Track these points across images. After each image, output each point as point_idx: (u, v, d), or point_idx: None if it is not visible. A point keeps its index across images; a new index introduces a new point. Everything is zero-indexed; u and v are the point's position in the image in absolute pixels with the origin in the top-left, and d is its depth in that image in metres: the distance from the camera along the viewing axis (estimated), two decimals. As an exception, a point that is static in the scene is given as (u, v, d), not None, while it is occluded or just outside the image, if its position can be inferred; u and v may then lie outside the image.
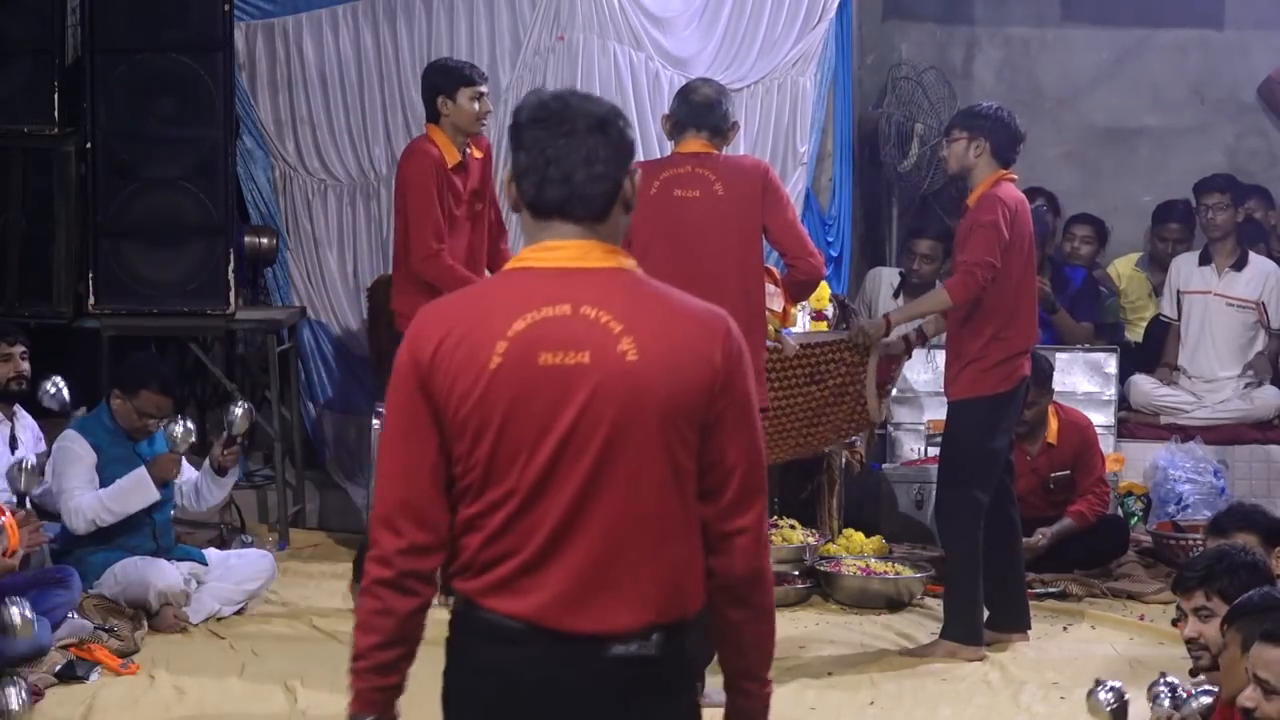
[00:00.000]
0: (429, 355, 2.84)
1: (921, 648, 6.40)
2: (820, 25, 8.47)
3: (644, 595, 2.85)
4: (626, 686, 2.87)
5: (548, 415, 2.82)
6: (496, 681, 2.88)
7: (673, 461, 2.85)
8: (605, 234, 2.96)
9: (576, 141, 2.89)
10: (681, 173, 5.72)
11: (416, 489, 2.86)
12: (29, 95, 7.81)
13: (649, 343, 2.84)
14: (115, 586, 6.49)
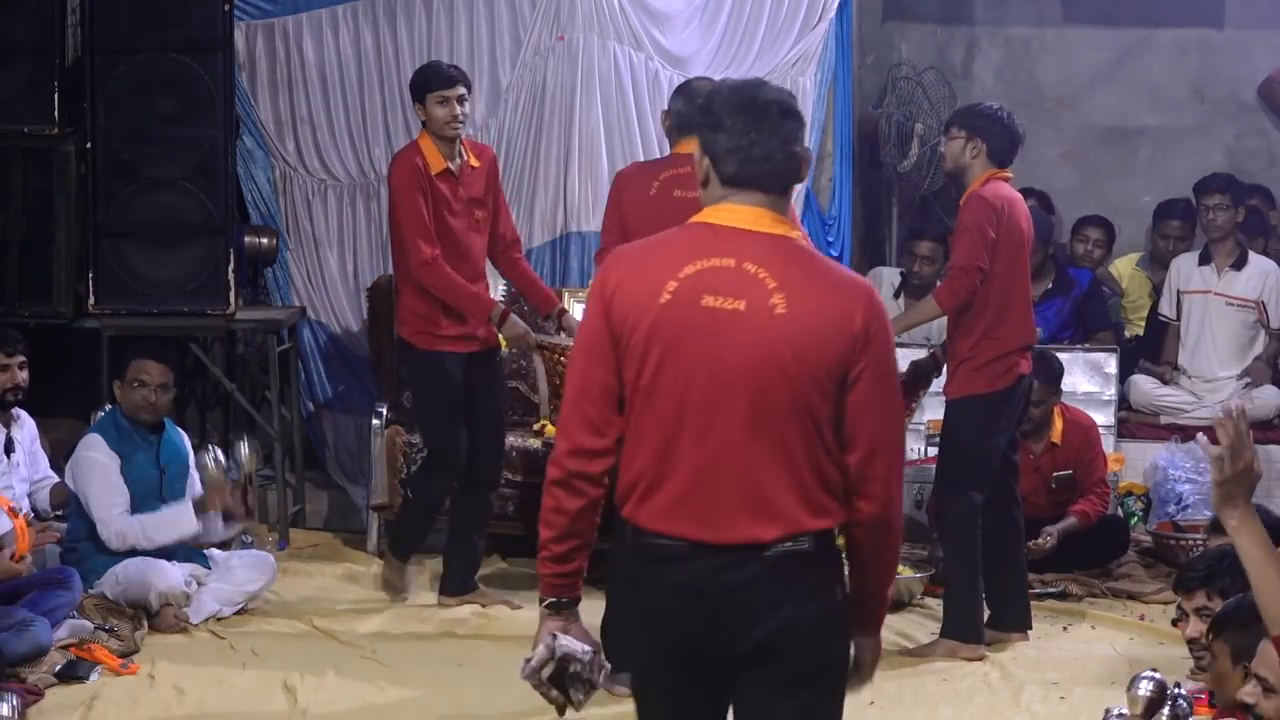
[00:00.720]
0: (613, 286, 3.35)
1: (921, 647, 6.40)
2: (820, 25, 8.47)
3: (786, 514, 3.29)
4: (786, 579, 3.32)
5: (704, 351, 3.28)
6: (673, 594, 3.33)
7: (810, 408, 3.28)
8: (781, 206, 3.39)
9: (773, 125, 3.35)
10: (681, 173, 5.72)
11: (590, 400, 3.34)
12: (29, 95, 7.80)
13: (798, 301, 3.28)
14: (116, 587, 6.49)
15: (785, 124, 3.36)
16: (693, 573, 3.31)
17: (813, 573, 3.35)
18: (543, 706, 5.77)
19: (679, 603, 3.33)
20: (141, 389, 6.67)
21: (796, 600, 3.32)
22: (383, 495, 7.78)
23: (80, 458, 6.62)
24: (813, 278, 3.34)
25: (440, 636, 6.61)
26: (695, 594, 3.30)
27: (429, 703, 5.80)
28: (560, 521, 3.38)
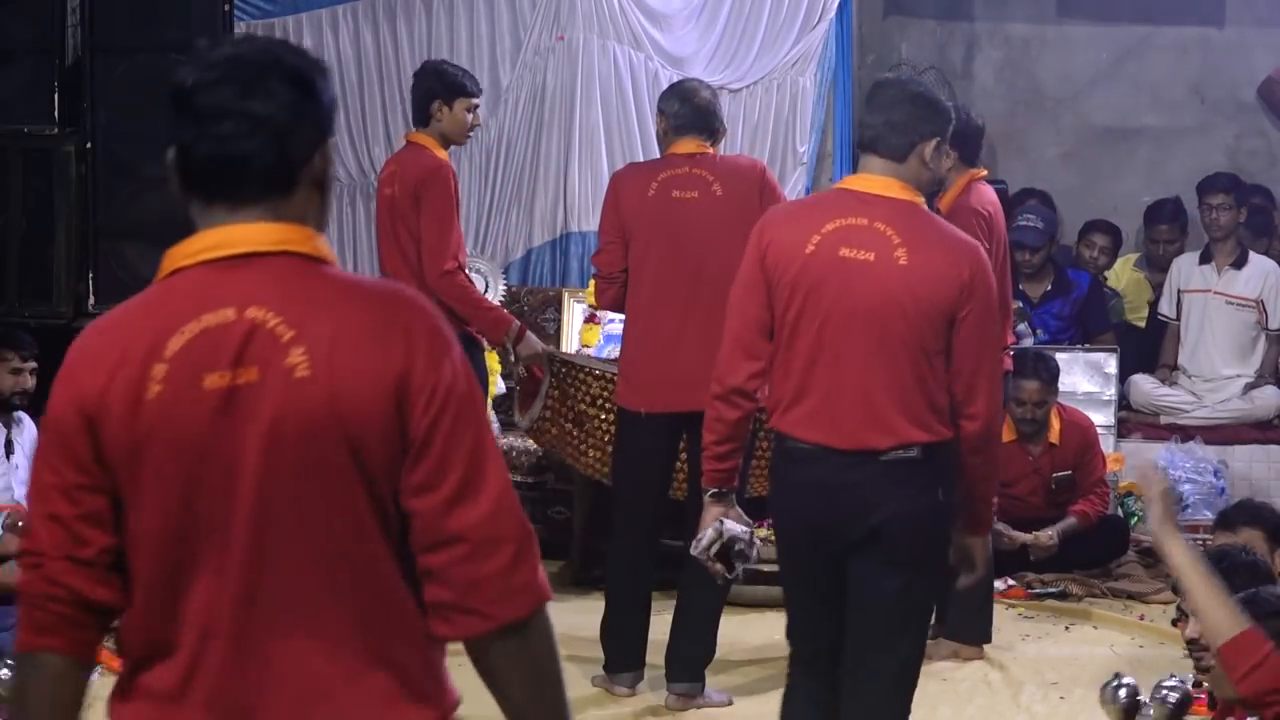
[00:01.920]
0: (767, 240, 4.14)
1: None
2: (820, 25, 8.47)
3: (898, 429, 4.04)
4: (897, 478, 4.06)
5: (836, 294, 4.03)
6: (809, 487, 4.13)
7: (921, 343, 4.03)
8: (905, 174, 4.14)
9: (903, 107, 4.17)
10: (679, 174, 5.72)
11: (745, 329, 4.14)
12: (29, 95, 7.81)
13: (918, 255, 4.03)
14: (115, 587, 6.49)
15: (910, 106, 4.15)
16: (822, 470, 4.09)
17: (919, 476, 4.07)
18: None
19: (811, 495, 4.13)
20: None
21: (903, 497, 4.06)
22: (382, 495, 7.79)
23: None
24: (933, 237, 4.10)
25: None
26: (824, 487, 4.09)
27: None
28: (721, 429, 4.27)
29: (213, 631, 2.23)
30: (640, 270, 5.71)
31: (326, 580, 2.21)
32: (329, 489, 2.19)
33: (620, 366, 5.92)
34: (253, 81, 2.43)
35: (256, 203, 2.39)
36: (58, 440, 2.26)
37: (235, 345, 2.25)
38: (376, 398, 2.20)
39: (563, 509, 7.50)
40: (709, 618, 5.76)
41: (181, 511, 2.22)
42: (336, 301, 2.29)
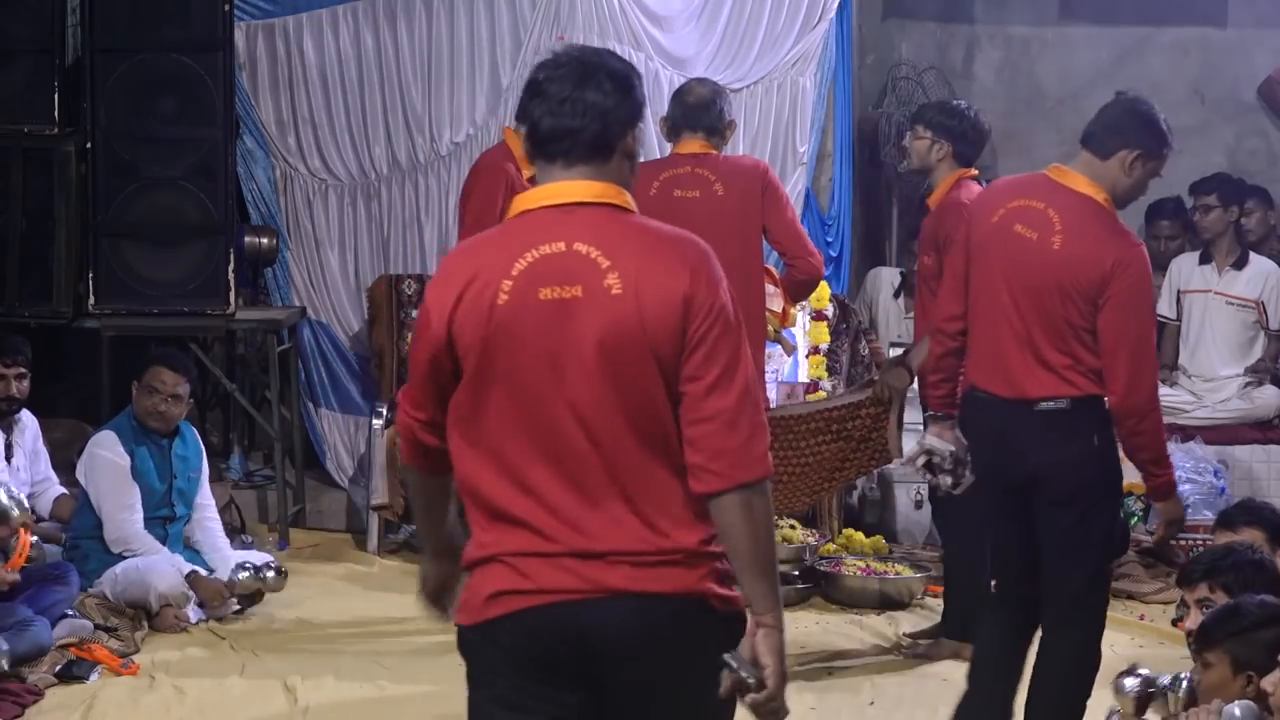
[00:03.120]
0: (972, 208, 5.09)
1: (924, 648, 6.40)
2: (820, 25, 8.47)
3: (1051, 385, 4.71)
4: (1047, 426, 4.71)
5: (1004, 264, 4.74)
6: (989, 429, 4.84)
7: (1071, 319, 4.67)
8: (1102, 172, 4.94)
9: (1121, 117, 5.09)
10: (681, 173, 5.72)
11: (953, 279, 4.90)
12: (29, 95, 7.80)
13: (1071, 236, 4.74)
14: (116, 587, 6.49)
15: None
16: (991, 419, 4.80)
17: (1068, 425, 4.68)
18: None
19: (981, 442, 4.89)
20: (153, 396, 6.67)
21: (1055, 444, 4.68)
22: (383, 495, 7.79)
23: (91, 454, 6.64)
24: (1090, 219, 4.80)
25: (440, 636, 6.60)
26: (991, 434, 4.82)
27: (429, 702, 5.80)
28: (930, 361, 5.09)
29: (560, 469, 3.06)
30: None
31: (634, 434, 3.05)
32: (632, 372, 3.04)
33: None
34: (587, 78, 3.23)
35: (583, 164, 3.21)
36: (424, 329, 3.14)
37: (564, 268, 3.08)
38: (669, 311, 3.04)
39: (563, 509, 7.49)
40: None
41: (517, 387, 3.06)
42: (640, 241, 3.16)
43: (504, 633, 3.14)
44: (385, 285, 8.26)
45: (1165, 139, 4.90)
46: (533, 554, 3.09)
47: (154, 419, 6.69)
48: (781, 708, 3.04)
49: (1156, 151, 4.88)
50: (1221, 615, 4.01)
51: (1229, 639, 3.91)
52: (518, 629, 3.12)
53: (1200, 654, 3.98)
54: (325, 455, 8.49)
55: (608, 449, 3.06)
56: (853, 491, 8.08)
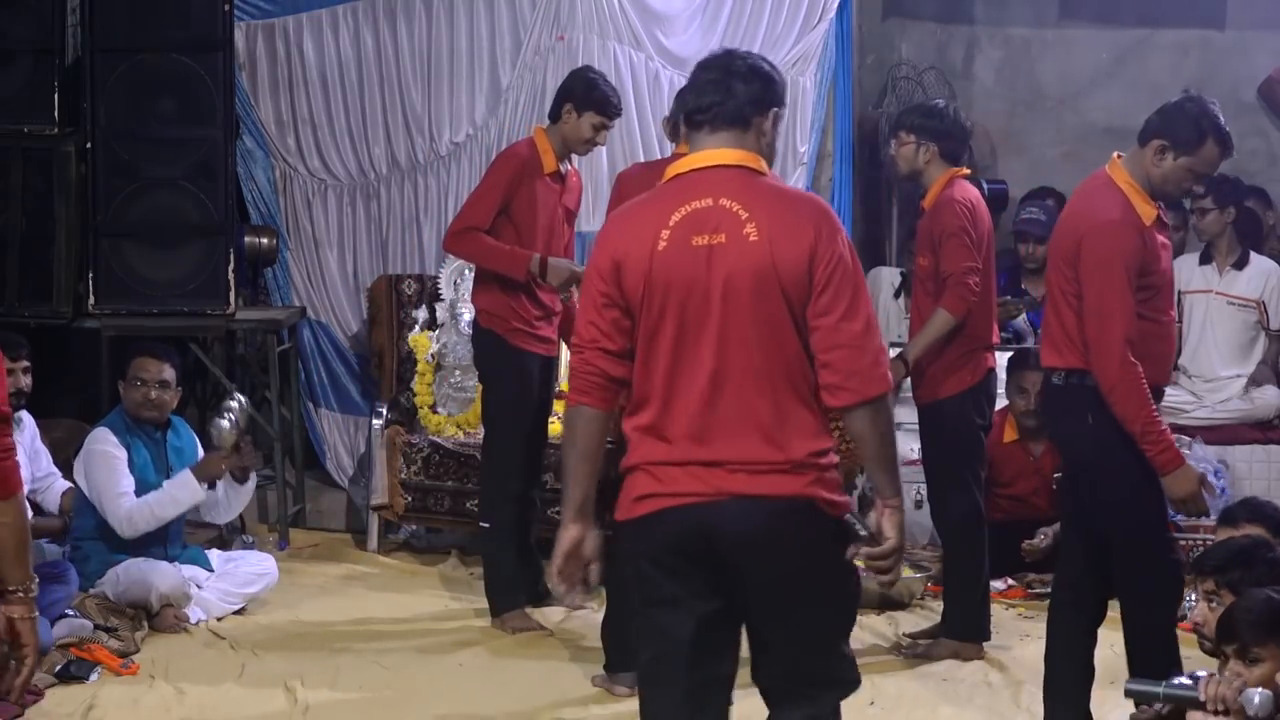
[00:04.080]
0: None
1: (924, 648, 6.39)
2: (820, 25, 8.47)
3: (1052, 356, 5.07)
4: (1049, 398, 5.20)
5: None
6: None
7: (1061, 286, 5.00)
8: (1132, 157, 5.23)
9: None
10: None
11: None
12: (29, 95, 7.79)
13: (1070, 207, 5.19)
14: (116, 587, 6.49)
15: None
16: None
17: (1065, 399, 5.02)
18: (542, 707, 5.80)
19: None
20: (141, 387, 6.67)
21: (1057, 418, 5.18)
22: (383, 495, 7.79)
23: (88, 451, 6.63)
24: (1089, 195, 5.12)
25: (440, 637, 6.61)
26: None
27: (429, 703, 5.80)
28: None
29: (697, 390, 3.75)
30: None
31: (763, 359, 3.74)
32: (766, 307, 3.73)
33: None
34: (733, 66, 3.88)
35: (725, 132, 3.85)
36: (595, 276, 3.82)
37: (712, 220, 3.76)
38: (797, 257, 3.73)
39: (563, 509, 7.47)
40: None
41: (676, 320, 3.75)
42: (773, 198, 3.80)
43: (647, 529, 3.81)
44: (385, 285, 8.26)
45: (1196, 136, 5.02)
46: (669, 463, 3.78)
47: (146, 409, 6.68)
48: (896, 569, 3.85)
49: (1184, 146, 5.02)
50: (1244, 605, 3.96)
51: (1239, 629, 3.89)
52: (658, 526, 3.79)
53: (1247, 648, 3.87)
54: (325, 455, 8.49)
55: (739, 373, 3.74)
56: (853, 491, 8.07)
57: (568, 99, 6.56)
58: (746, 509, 3.73)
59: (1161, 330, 5.10)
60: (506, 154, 6.79)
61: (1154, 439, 4.88)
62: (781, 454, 3.73)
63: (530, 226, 6.53)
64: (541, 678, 6.03)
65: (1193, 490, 4.92)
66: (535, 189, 6.56)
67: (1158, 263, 5.04)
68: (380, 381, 8.26)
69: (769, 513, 3.74)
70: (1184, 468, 4.92)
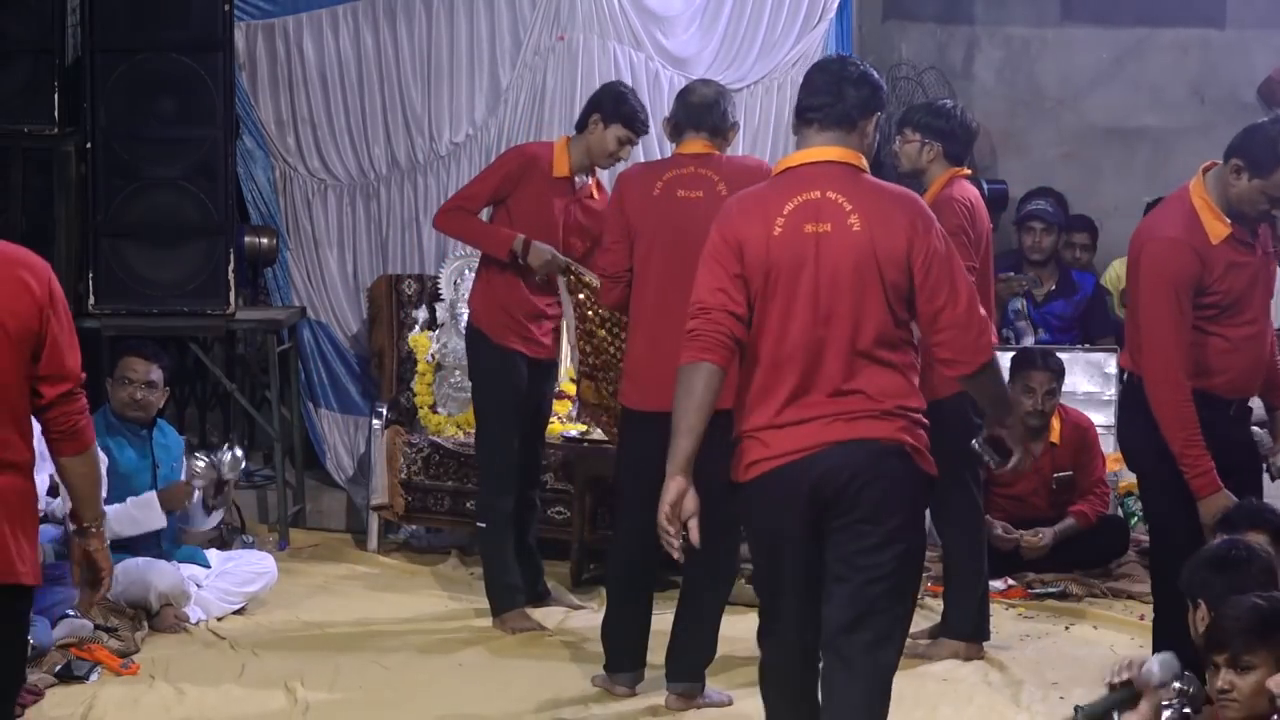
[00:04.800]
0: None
1: (923, 647, 6.39)
2: (820, 25, 8.47)
3: (1124, 358, 5.54)
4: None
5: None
6: None
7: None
8: (1213, 173, 5.23)
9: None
10: (684, 173, 5.72)
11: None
12: (29, 95, 7.79)
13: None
14: (116, 587, 6.44)
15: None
16: None
17: (1128, 400, 5.36)
18: (542, 707, 5.80)
19: None
20: (127, 386, 6.66)
21: (1120, 420, 5.66)
22: (383, 495, 7.79)
23: None
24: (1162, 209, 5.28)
25: (440, 637, 6.61)
26: None
27: (429, 702, 5.80)
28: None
29: (800, 359, 4.22)
30: (645, 270, 5.70)
31: (859, 333, 4.22)
32: (864, 288, 4.21)
33: (625, 366, 5.90)
34: (845, 75, 4.37)
35: (832, 131, 4.32)
36: (722, 250, 4.28)
37: (820, 210, 4.24)
38: (895, 246, 4.21)
39: (563, 509, 7.50)
40: (709, 618, 5.76)
41: (789, 296, 4.22)
42: (873, 193, 4.28)
43: (759, 491, 4.26)
44: (385, 285, 8.26)
45: (1272, 159, 5.02)
46: (773, 426, 4.23)
47: (132, 409, 6.67)
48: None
49: (1259, 169, 5.05)
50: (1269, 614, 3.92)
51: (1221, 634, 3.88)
52: (767, 485, 4.25)
53: (1238, 656, 3.84)
54: (325, 455, 8.49)
55: (838, 343, 4.21)
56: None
57: (596, 110, 6.52)
58: (847, 450, 4.21)
59: (1230, 346, 5.15)
60: (516, 148, 6.84)
61: (1191, 461, 5.02)
62: (872, 404, 4.23)
63: (528, 224, 6.52)
64: (541, 678, 6.03)
65: (1215, 516, 4.93)
66: (540, 189, 6.54)
67: (1223, 281, 5.09)
68: (380, 381, 8.26)
69: (867, 451, 4.21)
70: (1218, 494, 5.00)
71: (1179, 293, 5.02)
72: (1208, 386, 5.10)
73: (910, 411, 4.27)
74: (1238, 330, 5.15)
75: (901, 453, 4.25)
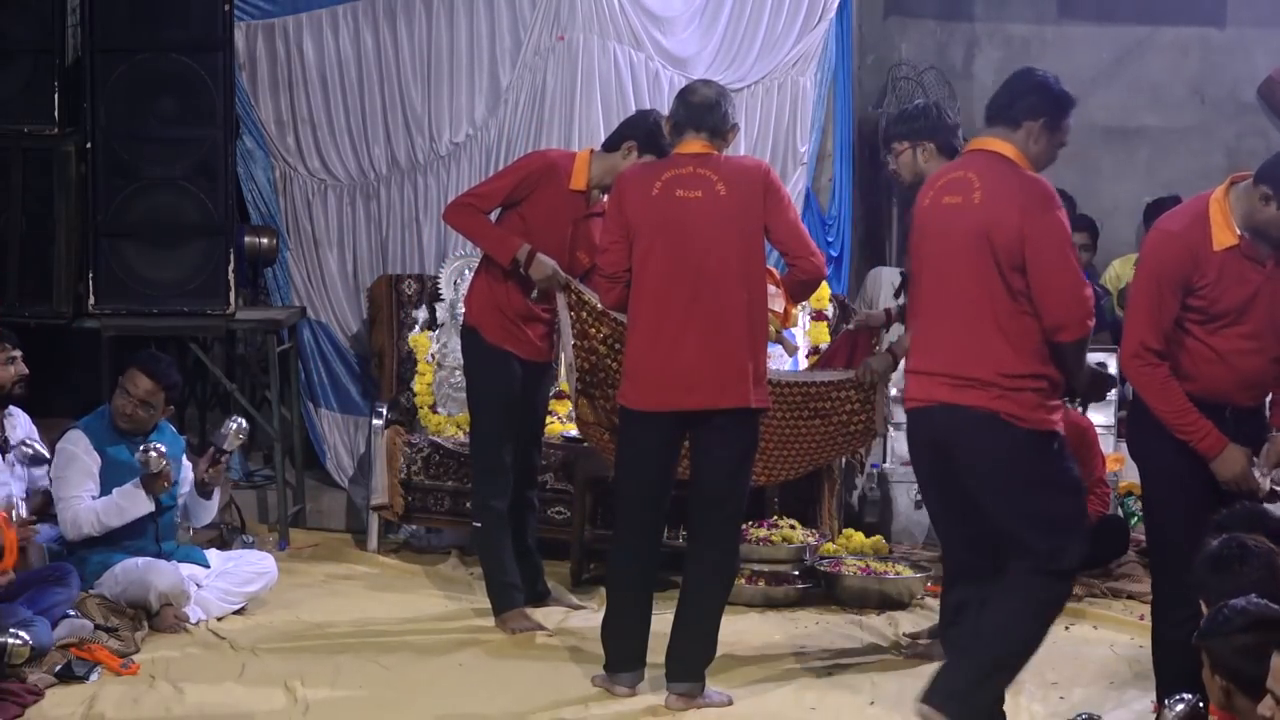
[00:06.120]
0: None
1: (923, 647, 6.39)
2: (820, 25, 8.48)
3: None
4: None
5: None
6: None
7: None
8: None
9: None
10: (683, 173, 5.71)
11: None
12: (29, 95, 7.80)
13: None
14: (115, 587, 6.49)
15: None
16: None
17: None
18: (542, 707, 5.80)
19: None
20: (125, 398, 6.64)
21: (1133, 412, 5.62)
22: (383, 495, 7.79)
23: (59, 448, 6.62)
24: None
25: (440, 637, 6.61)
26: None
27: (429, 703, 5.80)
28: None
29: (931, 318, 5.08)
30: (644, 269, 5.70)
31: (973, 299, 4.93)
32: (979, 257, 4.91)
33: (624, 366, 5.90)
34: (1020, 78, 5.20)
35: (999, 126, 5.09)
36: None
37: (957, 185, 5.04)
38: (1006, 223, 4.89)
39: (563, 509, 7.50)
40: (709, 618, 5.76)
41: (929, 263, 5.13)
42: (999, 175, 4.99)
43: (908, 424, 5.23)
44: (385, 285, 8.26)
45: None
46: (914, 371, 5.12)
47: (122, 420, 6.65)
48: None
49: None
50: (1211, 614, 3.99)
51: (1206, 638, 3.92)
52: (909, 422, 5.20)
53: (1198, 650, 3.98)
54: (325, 455, 8.49)
55: (959, 307, 4.92)
56: (853, 491, 8.08)
57: (631, 136, 6.46)
58: (947, 413, 4.98)
59: (1213, 355, 5.14)
60: (539, 153, 6.86)
61: (1188, 429, 5.11)
62: (972, 371, 4.90)
63: (538, 230, 6.50)
64: (541, 678, 6.03)
65: (1240, 469, 5.07)
66: (555, 197, 6.52)
67: (1215, 288, 5.09)
68: (380, 381, 8.26)
69: (962, 418, 4.94)
70: (1228, 450, 5.07)
71: (1161, 283, 5.09)
72: (1185, 388, 5.13)
73: (1011, 379, 4.90)
74: (1229, 342, 5.13)
75: (995, 420, 4.92)
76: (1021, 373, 4.91)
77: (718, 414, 5.67)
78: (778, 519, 7.33)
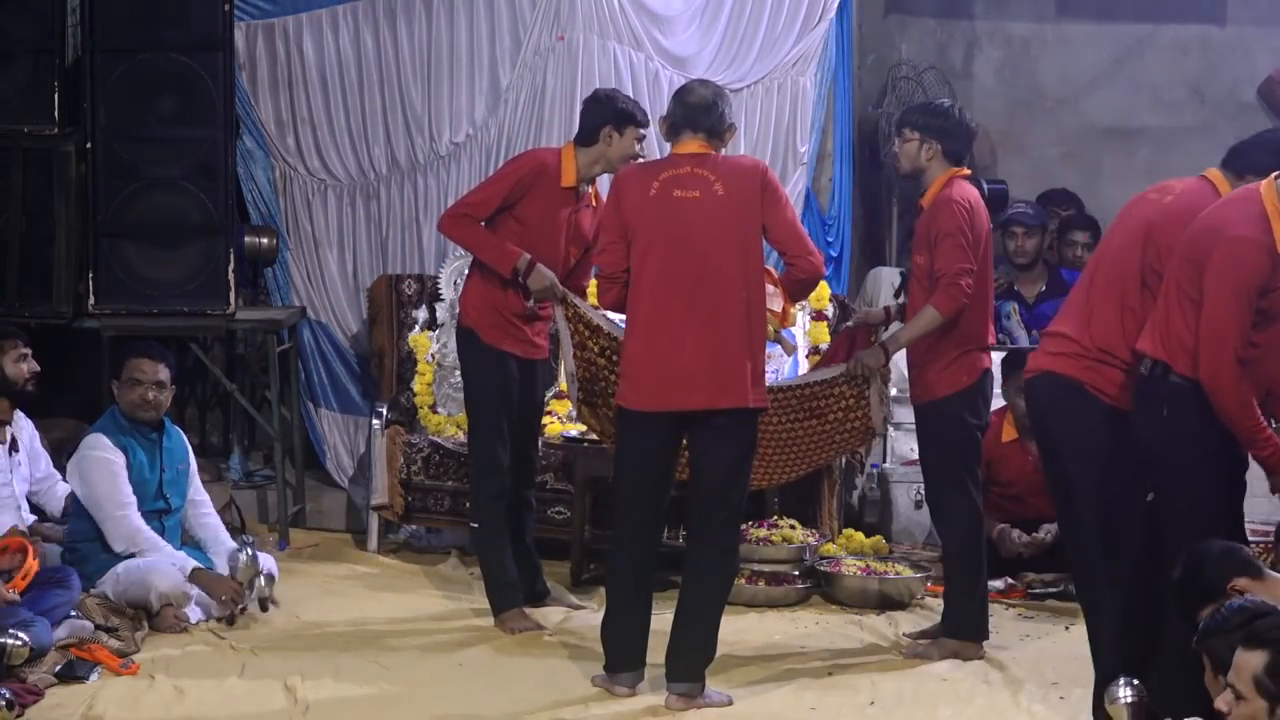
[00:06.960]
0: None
1: (923, 647, 6.39)
2: (820, 25, 8.48)
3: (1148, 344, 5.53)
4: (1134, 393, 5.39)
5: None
6: None
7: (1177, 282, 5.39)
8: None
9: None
10: (681, 173, 5.71)
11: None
12: (29, 95, 7.80)
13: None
14: (116, 587, 6.49)
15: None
16: None
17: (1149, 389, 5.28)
18: (542, 707, 5.80)
19: None
20: (137, 387, 6.67)
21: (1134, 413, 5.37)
22: (383, 495, 7.79)
23: (84, 456, 6.61)
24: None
25: (440, 636, 6.61)
26: None
27: (429, 702, 5.80)
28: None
29: (1082, 291, 5.47)
30: (642, 270, 5.70)
31: (1113, 277, 5.33)
32: (1130, 249, 5.39)
33: (622, 366, 5.90)
34: None
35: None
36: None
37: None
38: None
39: (563, 509, 7.50)
40: (709, 618, 5.76)
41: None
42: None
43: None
44: (385, 285, 8.26)
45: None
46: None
47: (143, 409, 6.68)
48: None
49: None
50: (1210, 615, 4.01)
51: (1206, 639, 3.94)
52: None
53: (1199, 648, 4.00)
54: (325, 455, 8.49)
55: (1100, 283, 5.29)
56: (853, 491, 8.08)
57: (603, 123, 6.46)
58: (1042, 379, 5.32)
59: (1256, 353, 5.06)
60: (528, 154, 6.81)
61: (1261, 444, 5.03)
62: (1069, 346, 5.24)
63: (534, 231, 6.50)
64: (541, 678, 6.03)
65: None
66: (548, 197, 6.53)
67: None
68: (380, 381, 8.26)
69: (1051, 384, 5.28)
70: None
71: (1250, 292, 4.97)
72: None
73: (1109, 353, 5.18)
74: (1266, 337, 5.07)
75: (1081, 390, 5.21)
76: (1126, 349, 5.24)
77: (716, 414, 5.67)
78: (778, 519, 7.33)
